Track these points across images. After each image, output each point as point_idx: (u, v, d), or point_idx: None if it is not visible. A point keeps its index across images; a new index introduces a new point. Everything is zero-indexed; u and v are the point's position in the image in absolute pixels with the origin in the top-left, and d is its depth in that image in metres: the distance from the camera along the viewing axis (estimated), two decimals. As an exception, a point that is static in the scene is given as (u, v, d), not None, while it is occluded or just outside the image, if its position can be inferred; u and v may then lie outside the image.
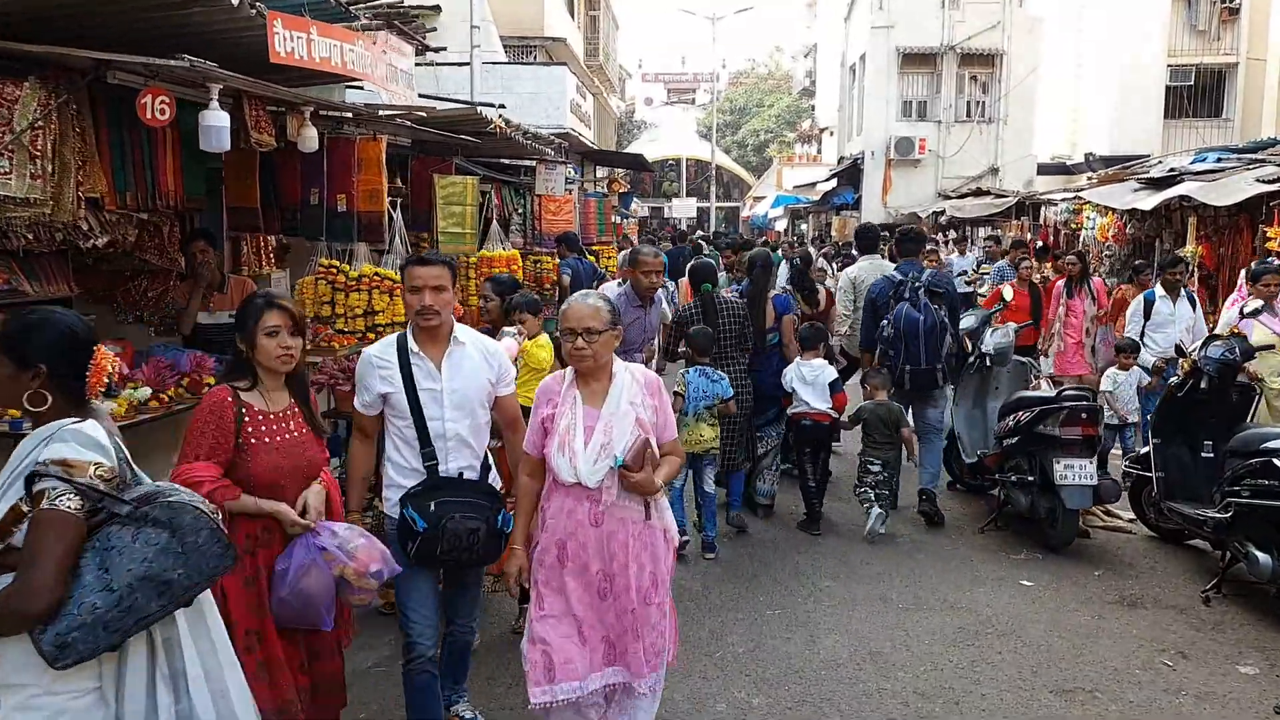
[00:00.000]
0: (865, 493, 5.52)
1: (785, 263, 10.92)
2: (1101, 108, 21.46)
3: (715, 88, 41.62)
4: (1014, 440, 5.46)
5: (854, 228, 22.26)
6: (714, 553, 5.23)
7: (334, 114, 5.47)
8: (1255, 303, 5.95)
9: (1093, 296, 8.31)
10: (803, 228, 30.46)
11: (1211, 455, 5.05)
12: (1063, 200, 13.63)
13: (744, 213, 39.71)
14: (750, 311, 5.68)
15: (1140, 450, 5.54)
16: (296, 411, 2.77)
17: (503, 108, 8.27)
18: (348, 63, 4.68)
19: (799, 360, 5.74)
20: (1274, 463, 4.30)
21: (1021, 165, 21.41)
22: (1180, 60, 20.92)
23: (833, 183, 25.13)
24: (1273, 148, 10.55)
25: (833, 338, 6.83)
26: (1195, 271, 9.33)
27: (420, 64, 14.26)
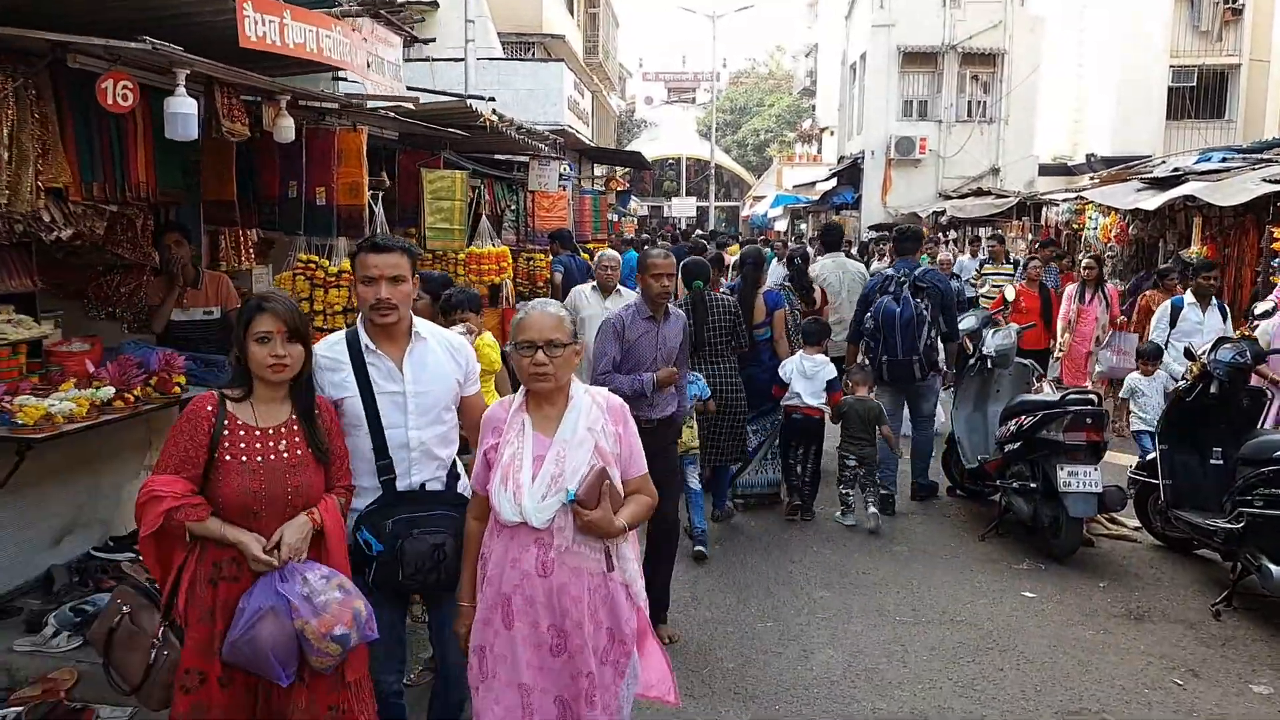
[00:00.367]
0: (846, 494, 5.77)
1: (776, 260, 10.98)
2: (1103, 108, 21.30)
3: (715, 87, 41.40)
4: (1016, 445, 5.28)
5: (853, 227, 22.34)
6: (704, 546, 5.13)
7: (314, 104, 5.28)
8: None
9: (1106, 302, 8.00)
10: (802, 227, 30.27)
11: (1221, 462, 4.87)
12: (1064, 200, 13.46)
13: (744, 212, 39.54)
14: (741, 307, 5.65)
15: (1147, 456, 5.36)
16: (296, 429, 2.44)
17: (492, 100, 8.08)
18: (324, 49, 4.49)
19: (802, 354, 5.78)
20: (1288, 471, 4.12)
21: (1022, 165, 21.24)
22: (1182, 61, 20.76)
23: (833, 182, 24.96)
24: (1278, 148, 10.36)
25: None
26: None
27: (416, 59, 14.11)
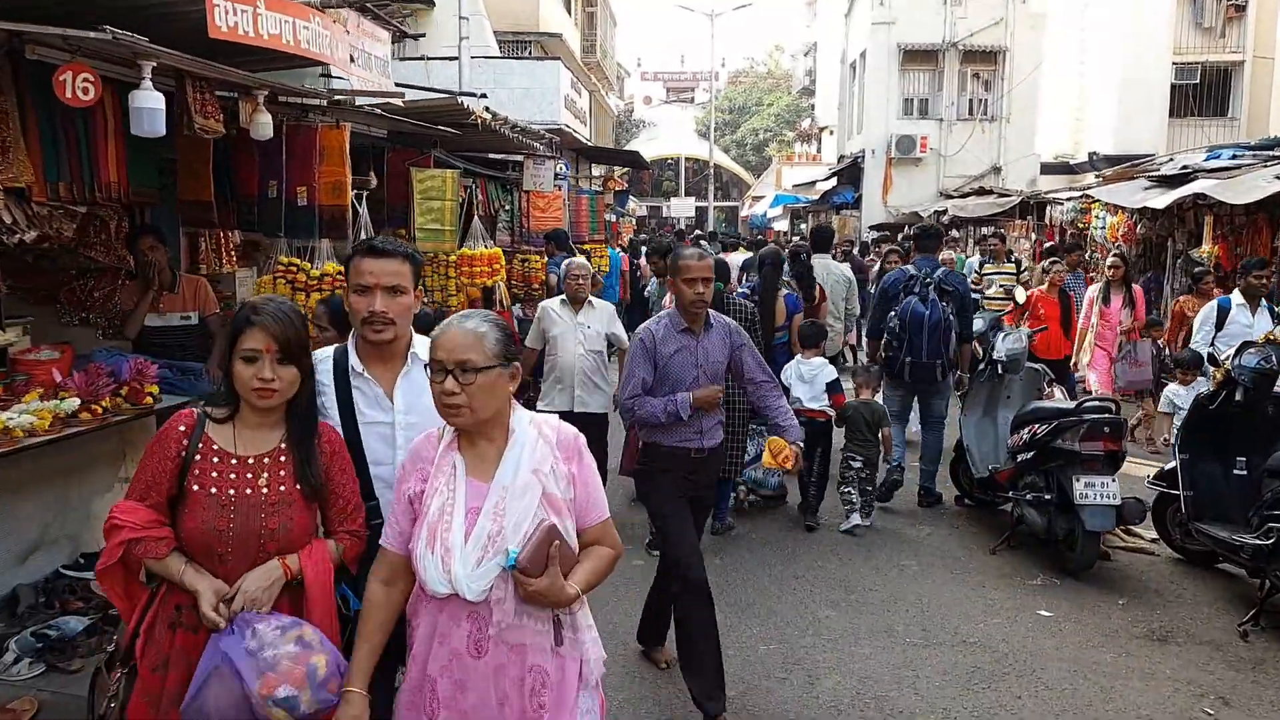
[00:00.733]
0: (849, 493, 5.68)
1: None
2: (1105, 106, 21.07)
3: (714, 86, 41.18)
4: (1029, 455, 5.06)
5: (853, 227, 22.12)
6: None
7: (294, 100, 5.06)
8: None
9: (1132, 304, 7.46)
10: (802, 227, 30.04)
11: (1245, 473, 4.65)
12: (1069, 199, 13.23)
13: (743, 212, 39.31)
14: (760, 310, 5.63)
15: (1166, 466, 5.14)
16: (283, 460, 2.08)
17: (484, 96, 7.86)
18: (301, 41, 4.27)
19: (799, 358, 5.82)
20: (1320, 484, 3.90)
21: (1024, 164, 21.01)
22: (1185, 58, 20.53)
23: (833, 182, 24.73)
24: (1289, 145, 10.15)
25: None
26: (1211, 272, 8.94)
27: (411, 58, 13.89)
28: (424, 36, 8.90)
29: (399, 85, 8.54)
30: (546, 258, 8.69)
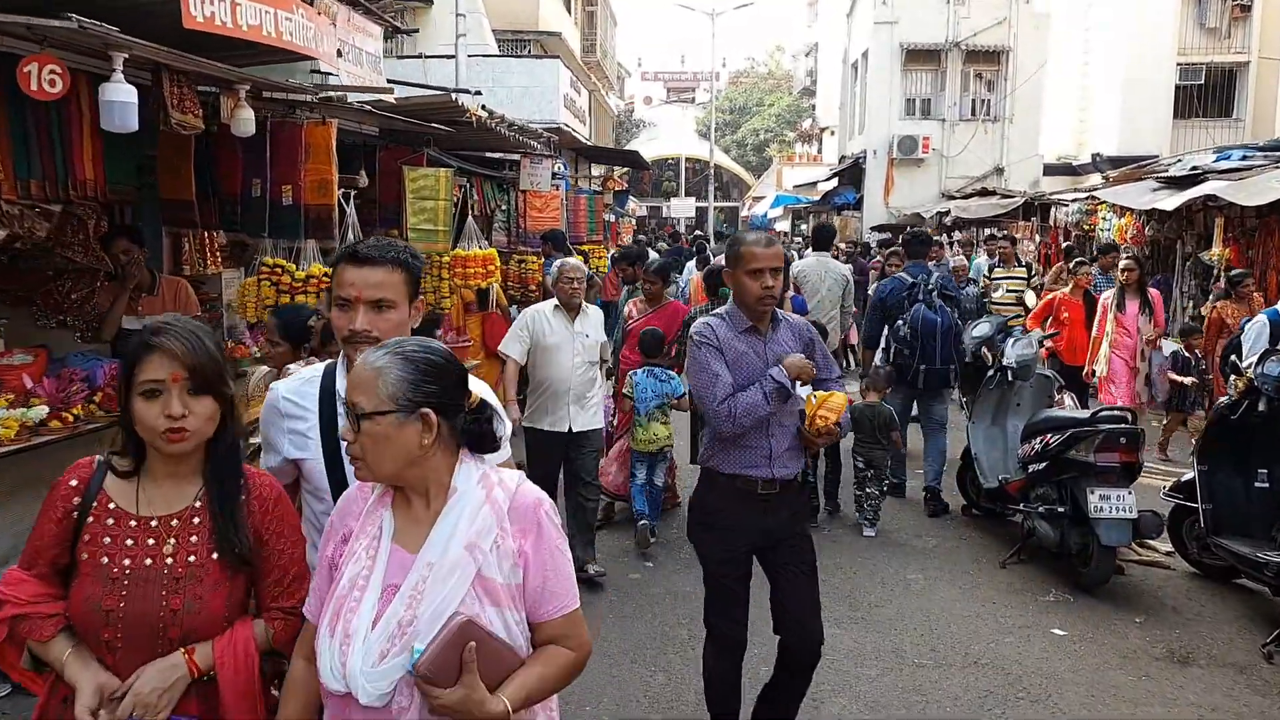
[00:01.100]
0: (867, 494, 5.74)
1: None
2: (1109, 107, 20.91)
3: (714, 86, 41.00)
4: (1041, 466, 4.88)
5: (854, 228, 21.95)
6: (654, 537, 5.35)
7: (279, 95, 4.88)
8: None
9: (1150, 310, 6.98)
10: (803, 228, 29.87)
11: (1267, 485, 4.47)
12: (1075, 201, 13.06)
13: (743, 213, 39.13)
14: None
15: (1184, 477, 4.95)
16: (198, 522, 1.67)
17: (478, 94, 7.67)
18: (284, 33, 4.09)
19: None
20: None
21: (1027, 165, 20.83)
22: (1190, 59, 20.36)
23: (834, 182, 24.56)
24: (1300, 146, 9.97)
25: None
26: (1223, 275, 8.76)
27: (408, 56, 13.70)
28: (417, 32, 8.72)
29: (395, 83, 8.38)
30: (543, 259, 8.50)
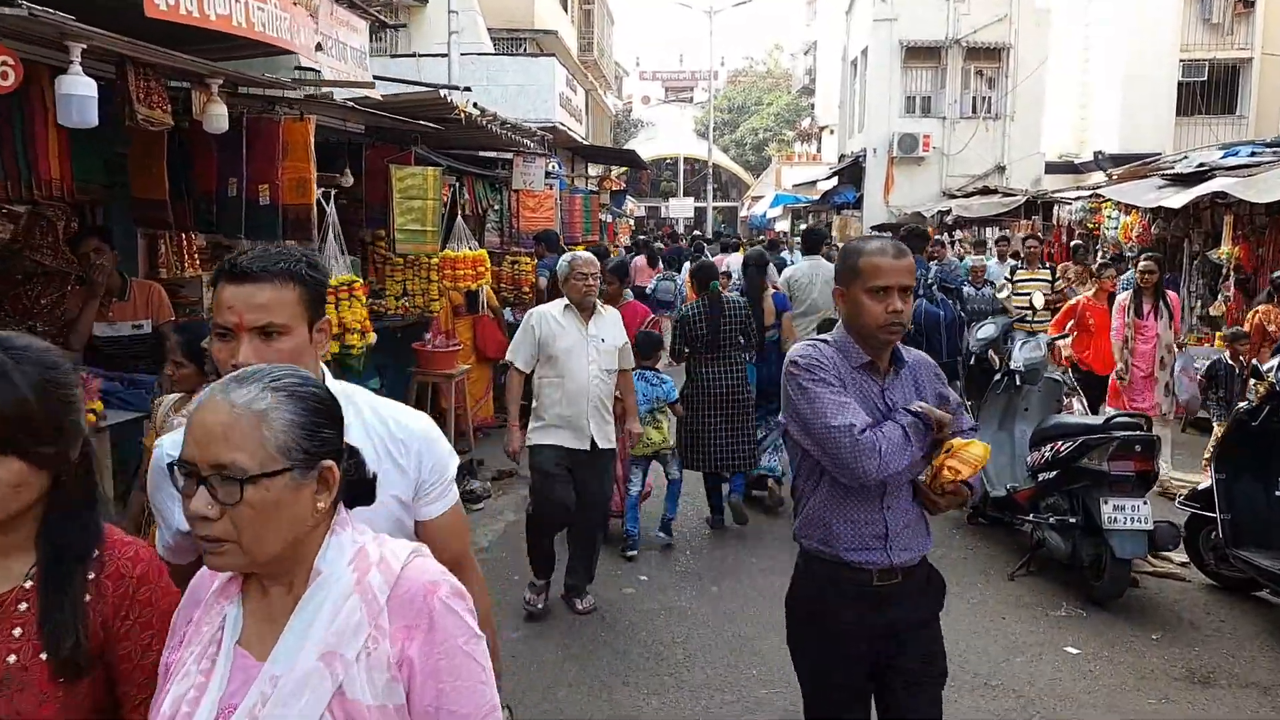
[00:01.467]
0: None
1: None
2: (1110, 104, 20.71)
3: (713, 84, 40.81)
4: (1051, 474, 4.68)
5: (855, 227, 21.74)
6: (669, 536, 5.33)
7: (256, 91, 4.68)
8: None
9: (1169, 314, 6.58)
10: (802, 227, 29.66)
11: (1290, 495, 4.27)
12: (1077, 199, 12.86)
13: (742, 212, 38.94)
14: (750, 309, 5.82)
15: (1200, 485, 4.76)
16: (25, 610, 1.27)
17: (468, 90, 7.48)
18: (255, 24, 3.90)
19: None
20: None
21: (1029, 164, 20.63)
22: (1193, 55, 20.15)
23: (833, 181, 24.36)
24: (1309, 142, 9.78)
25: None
26: (1232, 274, 8.57)
27: (402, 55, 13.49)
28: (405, 26, 8.52)
29: (388, 80, 8.17)
30: (536, 260, 8.30)
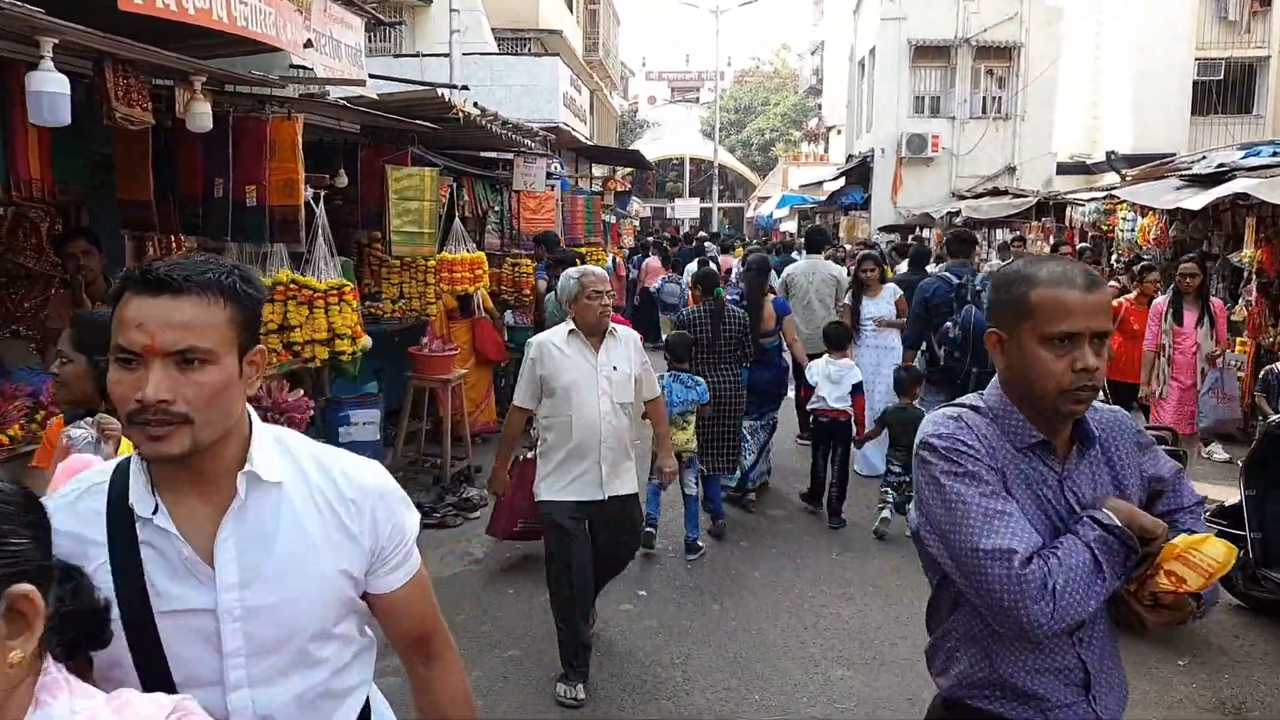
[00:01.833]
0: (886, 492, 5.68)
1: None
2: (1123, 104, 20.43)
3: (719, 85, 40.60)
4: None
5: (863, 228, 21.52)
6: (695, 554, 5.17)
7: (242, 89, 4.53)
8: None
9: (1211, 322, 6.02)
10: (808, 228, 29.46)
11: (1323, 512, 4.06)
12: (1091, 200, 12.62)
13: (749, 213, 38.73)
14: (749, 314, 5.85)
15: (1228, 502, 4.55)
16: None
17: (465, 89, 7.31)
18: (237, 19, 3.74)
19: (827, 359, 5.92)
20: None
21: (1040, 164, 20.38)
22: (1208, 54, 19.87)
23: (840, 182, 24.15)
24: (1331, 142, 9.53)
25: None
26: (1254, 279, 8.33)
27: (405, 55, 13.34)
28: (402, 23, 8.36)
29: (387, 79, 8.02)
30: (536, 262, 8.13)
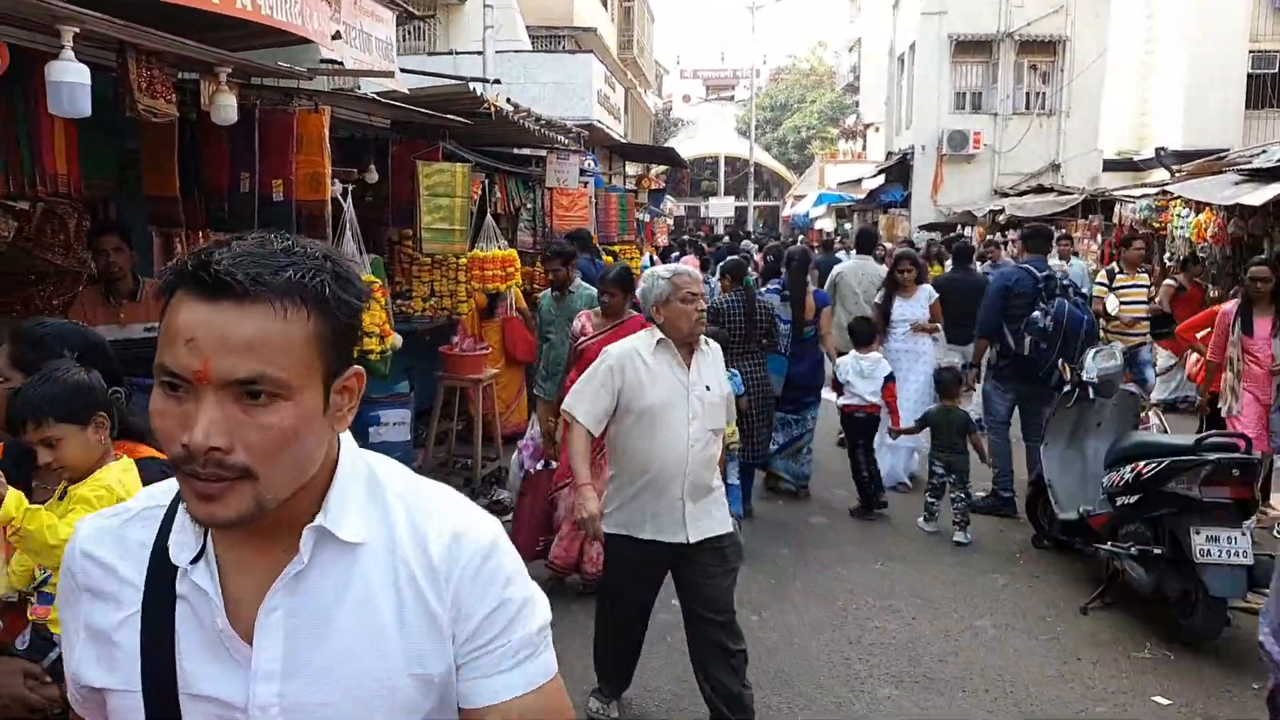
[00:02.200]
0: (931, 503, 5.62)
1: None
2: (1174, 98, 19.82)
3: (754, 81, 40.26)
4: (1132, 499, 4.22)
5: (902, 227, 21.13)
6: (741, 519, 5.05)
7: (269, 82, 4.43)
8: None
9: None
10: (846, 227, 29.06)
11: None
12: (1143, 196, 12.19)
13: (784, 212, 38.36)
14: (791, 306, 5.96)
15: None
16: None
17: (498, 83, 7.19)
18: (261, 6, 3.62)
19: (854, 354, 5.97)
20: None
21: (1085, 161, 19.86)
22: (1263, 45, 19.21)
23: (880, 179, 23.74)
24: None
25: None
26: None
27: (439, 53, 13.30)
28: (433, 16, 8.27)
29: (419, 73, 7.92)
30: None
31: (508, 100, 6.87)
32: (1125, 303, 7.41)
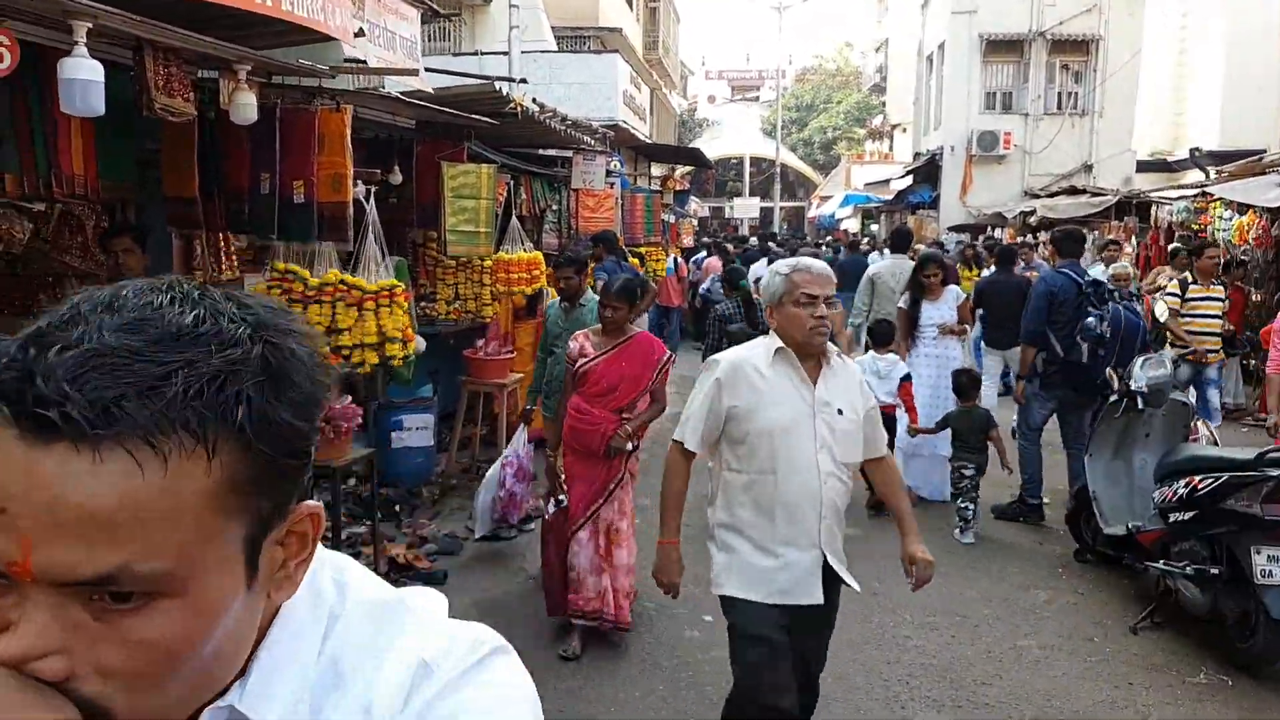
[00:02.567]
0: (965, 508, 5.48)
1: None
2: (1210, 98, 19.40)
3: (780, 81, 39.98)
4: (1186, 516, 4.01)
5: (930, 228, 20.81)
6: None
7: (290, 80, 4.34)
8: None
9: None
10: (873, 228, 28.75)
11: None
12: (1180, 198, 11.87)
13: (810, 213, 38.05)
14: None
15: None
16: None
17: (523, 82, 7.08)
18: (280, 1, 3.51)
19: (873, 355, 5.93)
20: None
21: (1118, 162, 19.44)
22: (1303, 44, 18.72)
23: (908, 180, 23.43)
24: None
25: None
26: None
27: (464, 53, 13.24)
28: (458, 15, 8.18)
29: (443, 72, 7.84)
30: (594, 263, 7.85)
31: (533, 100, 6.76)
32: (1198, 315, 7.14)
